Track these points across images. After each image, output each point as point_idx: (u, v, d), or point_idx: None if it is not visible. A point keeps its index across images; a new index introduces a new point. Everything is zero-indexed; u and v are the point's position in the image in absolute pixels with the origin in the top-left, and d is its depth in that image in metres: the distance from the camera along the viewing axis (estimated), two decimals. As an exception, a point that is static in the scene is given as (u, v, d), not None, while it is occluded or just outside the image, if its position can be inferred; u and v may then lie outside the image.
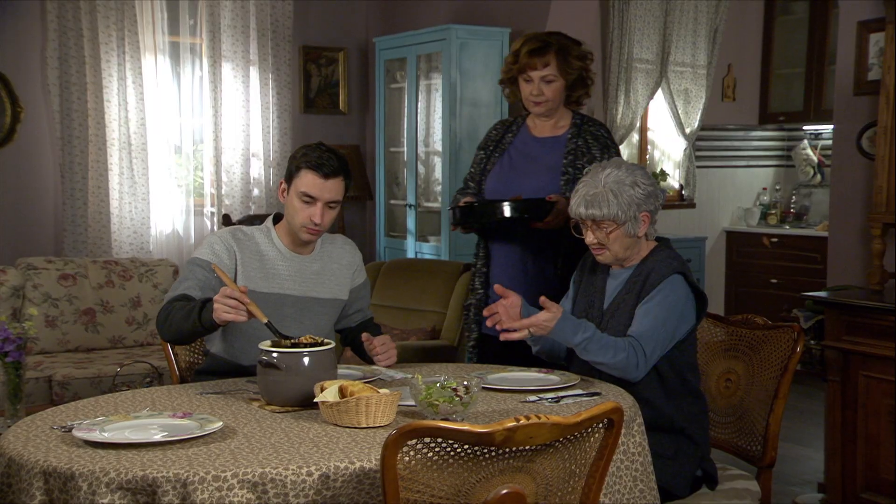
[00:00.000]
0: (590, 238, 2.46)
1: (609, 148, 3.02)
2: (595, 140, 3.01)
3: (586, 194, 2.43)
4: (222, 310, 2.24)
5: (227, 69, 5.57)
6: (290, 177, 2.51)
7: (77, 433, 1.90)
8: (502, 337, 2.42)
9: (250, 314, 2.26)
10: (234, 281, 2.48)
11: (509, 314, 2.40)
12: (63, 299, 4.58)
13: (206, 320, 2.30)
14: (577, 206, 2.44)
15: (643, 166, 2.56)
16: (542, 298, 2.35)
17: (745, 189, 7.14)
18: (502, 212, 2.81)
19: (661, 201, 2.51)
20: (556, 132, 3.06)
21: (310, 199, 2.47)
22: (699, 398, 2.51)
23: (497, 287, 2.46)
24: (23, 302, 4.53)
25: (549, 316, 2.32)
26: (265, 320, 2.27)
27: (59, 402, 3.93)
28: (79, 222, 5.18)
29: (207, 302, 2.32)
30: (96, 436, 1.88)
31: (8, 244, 5.10)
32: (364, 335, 2.55)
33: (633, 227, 2.43)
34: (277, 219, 2.62)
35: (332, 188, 2.47)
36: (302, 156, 2.49)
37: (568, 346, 2.40)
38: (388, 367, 2.53)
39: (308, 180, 2.46)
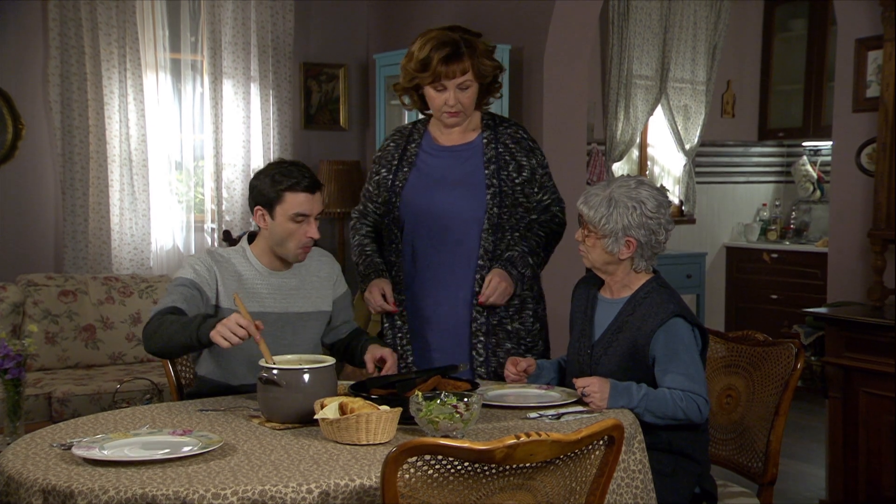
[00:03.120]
0: (577, 234, 2.48)
1: (535, 151, 2.78)
2: (517, 144, 2.76)
3: (589, 191, 2.44)
4: (226, 333, 2.21)
5: (227, 86, 5.59)
6: (269, 203, 2.48)
7: (77, 451, 1.89)
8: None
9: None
10: (217, 299, 2.50)
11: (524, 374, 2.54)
12: (63, 316, 4.58)
13: (203, 335, 2.27)
14: (580, 198, 2.46)
15: (668, 201, 2.48)
16: (576, 380, 2.33)
17: (744, 205, 7.16)
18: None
19: (661, 238, 2.42)
20: (467, 138, 2.77)
21: (303, 218, 2.48)
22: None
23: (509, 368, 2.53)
24: (23, 318, 4.52)
25: (597, 388, 2.28)
26: (271, 363, 2.23)
27: (58, 419, 3.93)
28: (79, 238, 5.18)
29: (208, 318, 2.32)
30: (96, 454, 1.88)
31: (8, 260, 5.10)
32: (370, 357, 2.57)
33: (613, 245, 2.39)
34: (251, 239, 2.61)
35: (318, 200, 2.51)
36: (273, 180, 2.48)
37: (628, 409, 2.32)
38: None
39: (298, 201, 2.46)
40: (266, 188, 2.49)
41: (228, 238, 5.42)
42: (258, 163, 5.69)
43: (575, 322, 2.58)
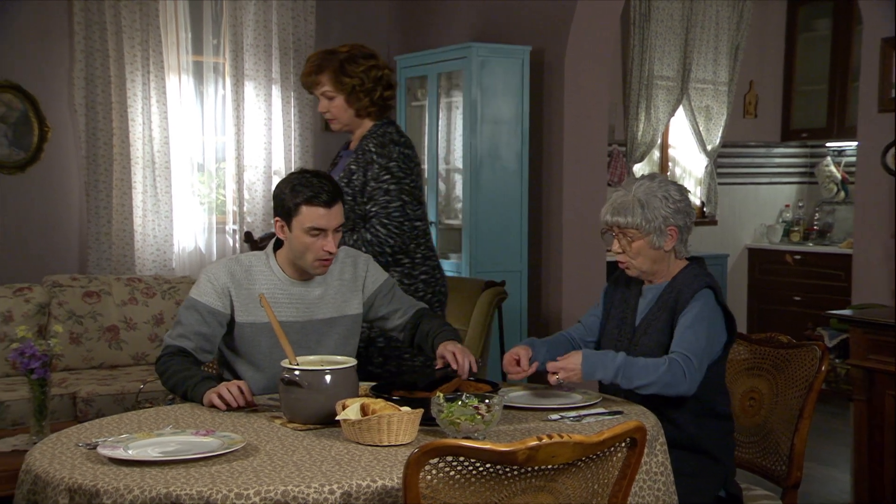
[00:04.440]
0: (615, 247, 2.48)
1: (373, 164, 2.94)
2: (363, 155, 2.97)
3: (615, 202, 2.45)
4: (217, 397, 2.30)
5: (249, 88, 5.62)
6: (287, 215, 2.46)
7: (101, 451, 1.91)
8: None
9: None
10: (233, 316, 2.50)
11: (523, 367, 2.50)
12: (87, 316, 4.62)
13: (195, 398, 2.37)
14: (605, 212, 2.46)
15: (681, 184, 2.55)
16: (549, 364, 2.36)
17: (767, 206, 7.11)
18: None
19: (693, 218, 2.49)
20: (354, 146, 3.06)
21: (319, 232, 2.44)
22: (727, 420, 2.48)
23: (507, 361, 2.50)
24: (48, 319, 4.57)
25: (571, 360, 2.31)
26: (295, 363, 2.24)
27: (83, 419, 3.96)
28: (103, 240, 5.23)
29: (206, 378, 2.38)
30: (121, 453, 1.89)
31: (34, 262, 5.16)
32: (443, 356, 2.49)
33: (658, 239, 2.42)
34: (277, 245, 2.57)
35: (336, 214, 2.46)
36: (292, 191, 2.44)
37: (607, 382, 2.34)
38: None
39: (313, 215, 2.42)
40: (284, 199, 2.46)
41: (250, 239, 5.44)
42: (279, 165, 5.72)
43: (613, 311, 2.58)
